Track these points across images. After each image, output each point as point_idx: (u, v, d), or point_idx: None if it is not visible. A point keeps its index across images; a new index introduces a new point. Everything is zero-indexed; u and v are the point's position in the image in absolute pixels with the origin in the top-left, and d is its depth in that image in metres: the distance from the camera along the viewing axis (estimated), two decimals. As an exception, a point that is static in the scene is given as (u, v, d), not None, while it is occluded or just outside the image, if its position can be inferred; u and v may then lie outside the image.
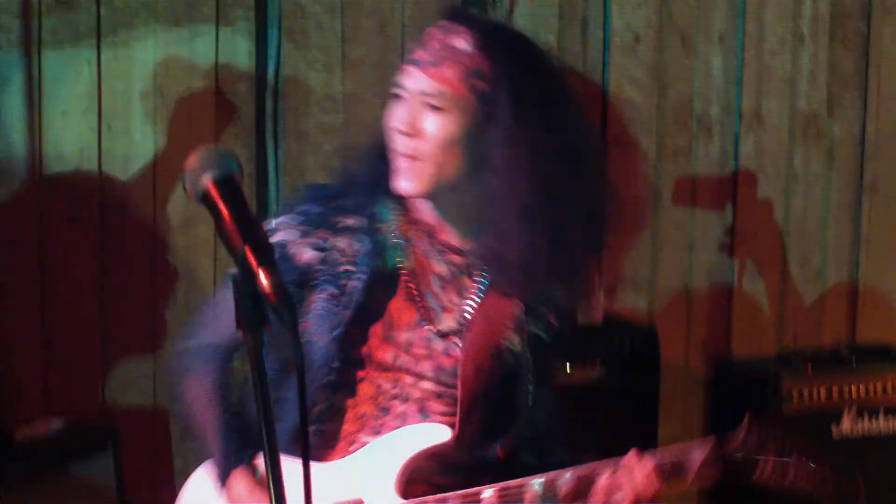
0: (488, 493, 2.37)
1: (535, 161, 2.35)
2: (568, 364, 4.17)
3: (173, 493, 2.59)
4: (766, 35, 4.87)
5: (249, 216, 1.77)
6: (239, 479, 2.37)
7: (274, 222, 2.49)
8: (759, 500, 3.15)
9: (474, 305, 2.49)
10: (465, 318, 2.49)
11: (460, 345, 2.46)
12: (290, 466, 1.79)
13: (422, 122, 2.36)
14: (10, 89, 4.12)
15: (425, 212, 2.49)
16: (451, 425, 2.42)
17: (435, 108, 2.36)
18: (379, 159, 2.45)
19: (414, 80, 2.38)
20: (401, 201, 2.49)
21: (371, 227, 2.47)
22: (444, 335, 2.47)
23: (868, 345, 4.75)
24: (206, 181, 1.80)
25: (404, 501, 2.39)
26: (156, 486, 4.20)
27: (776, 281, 4.96)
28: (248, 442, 2.39)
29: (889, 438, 4.48)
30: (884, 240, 5.06)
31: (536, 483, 2.37)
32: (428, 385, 2.46)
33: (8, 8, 4.10)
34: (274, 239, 2.42)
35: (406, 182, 2.39)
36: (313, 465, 1.81)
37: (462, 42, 2.37)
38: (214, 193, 1.79)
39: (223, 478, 2.38)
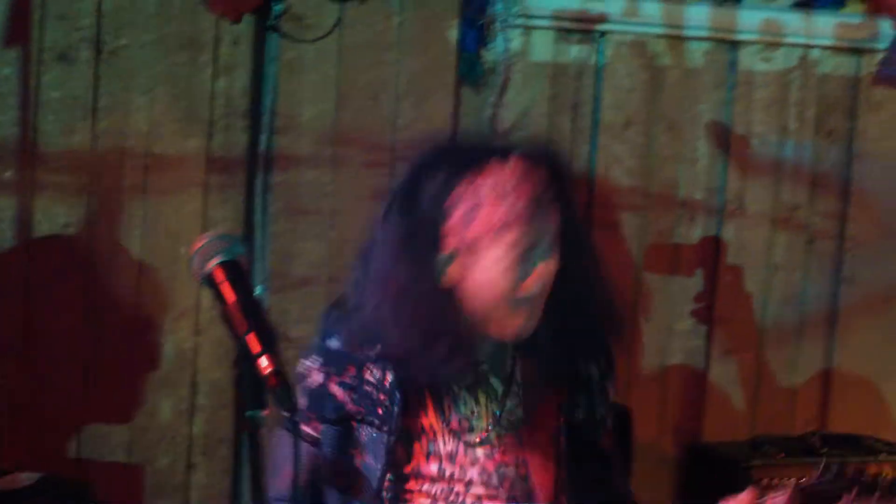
0: None
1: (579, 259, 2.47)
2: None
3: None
4: (752, 126, 4.95)
5: (254, 302, 1.80)
6: None
7: (301, 366, 2.54)
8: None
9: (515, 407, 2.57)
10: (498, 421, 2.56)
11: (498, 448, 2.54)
12: None
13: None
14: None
15: None
16: None
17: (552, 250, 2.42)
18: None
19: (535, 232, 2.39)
20: None
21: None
22: (479, 444, 2.54)
23: (838, 434, 4.79)
24: (213, 265, 1.84)
25: None
26: (128, 542, 4.22)
27: (751, 366, 5.01)
28: None
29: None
30: (859, 330, 5.12)
31: None
32: (479, 489, 2.52)
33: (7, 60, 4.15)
34: (307, 384, 2.50)
35: (527, 323, 2.43)
36: None
37: (543, 178, 2.41)
38: (220, 277, 1.83)
39: None
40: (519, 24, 4.62)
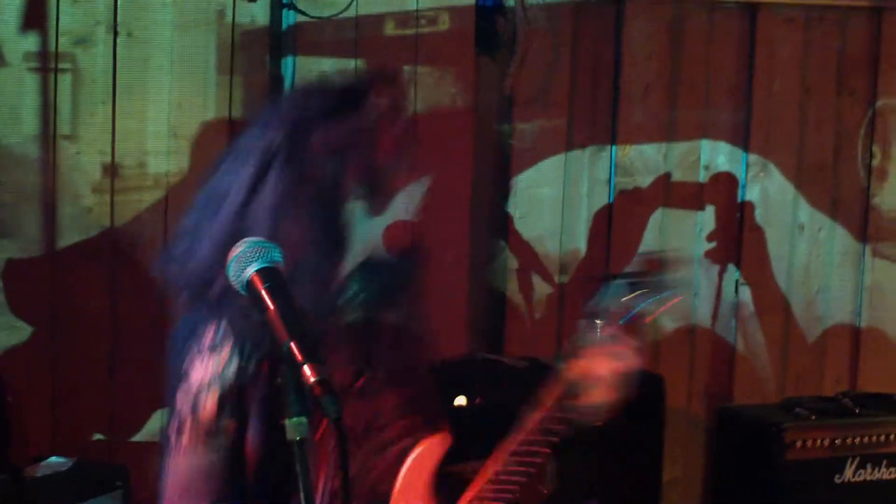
0: None
1: None
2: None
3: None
4: (773, 86, 4.92)
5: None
6: None
7: None
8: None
9: None
10: None
11: None
12: None
13: None
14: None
15: None
16: None
17: None
18: None
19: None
20: None
21: None
22: None
23: (869, 393, 4.77)
24: (251, 272, 1.83)
25: None
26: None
27: (779, 328, 5.01)
28: None
29: (891, 486, 4.51)
30: (885, 288, 5.11)
31: None
32: None
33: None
34: None
35: None
36: None
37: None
38: (259, 285, 1.81)
39: None
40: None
